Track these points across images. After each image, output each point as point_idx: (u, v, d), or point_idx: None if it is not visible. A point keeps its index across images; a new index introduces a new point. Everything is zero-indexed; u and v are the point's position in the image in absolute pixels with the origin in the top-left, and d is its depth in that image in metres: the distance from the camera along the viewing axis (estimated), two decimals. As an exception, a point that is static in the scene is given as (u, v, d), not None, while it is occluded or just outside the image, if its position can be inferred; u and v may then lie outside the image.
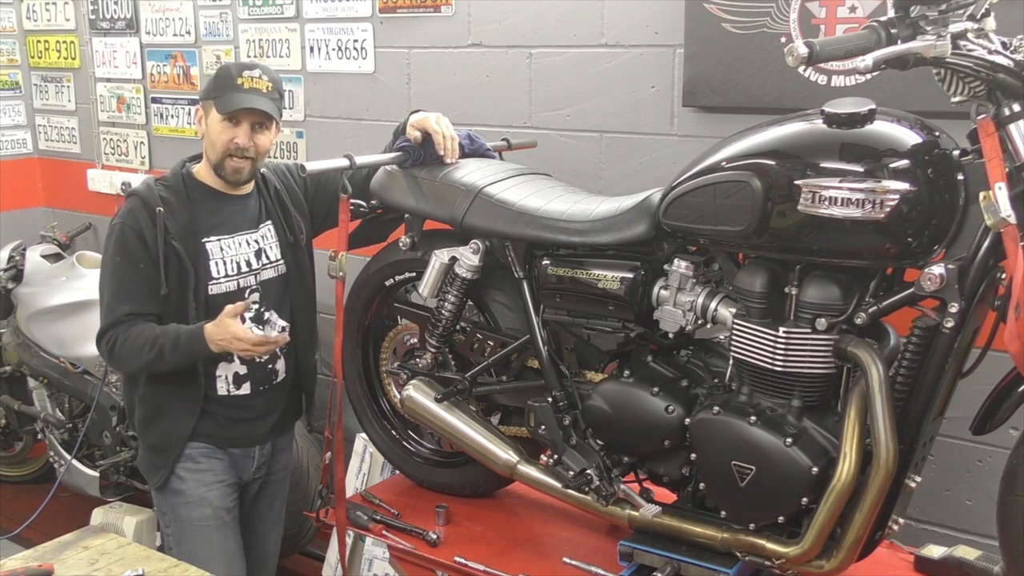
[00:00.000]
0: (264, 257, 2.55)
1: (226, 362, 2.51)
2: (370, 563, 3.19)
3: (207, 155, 2.51)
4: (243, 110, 2.42)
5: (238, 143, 2.44)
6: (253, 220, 2.56)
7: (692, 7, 2.65)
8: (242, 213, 2.56)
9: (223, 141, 2.44)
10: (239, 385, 2.54)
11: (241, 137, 2.44)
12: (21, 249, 4.06)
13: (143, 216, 2.43)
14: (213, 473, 2.55)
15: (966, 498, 2.51)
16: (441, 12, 3.24)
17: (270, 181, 2.62)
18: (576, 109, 3.00)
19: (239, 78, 2.44)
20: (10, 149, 4.78)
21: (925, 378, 1.80)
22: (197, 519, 2.53)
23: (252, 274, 2.53)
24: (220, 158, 2.47)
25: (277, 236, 2.58)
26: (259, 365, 2.55)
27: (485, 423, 2.42)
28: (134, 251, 2.42)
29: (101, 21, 4.38)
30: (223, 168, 2.47)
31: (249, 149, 2.45)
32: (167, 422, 2.53)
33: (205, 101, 2.50)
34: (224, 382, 2.53)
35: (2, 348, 4.13)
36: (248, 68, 2.48)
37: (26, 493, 4.15)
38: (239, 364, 2.53)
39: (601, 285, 2.14)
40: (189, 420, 2.51)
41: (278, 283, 2.57)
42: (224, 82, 2.45)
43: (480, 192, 2.30)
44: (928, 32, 1.67)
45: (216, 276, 2.48)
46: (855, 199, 1.72)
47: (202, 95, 2.55)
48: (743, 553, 2.00)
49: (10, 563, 2.05)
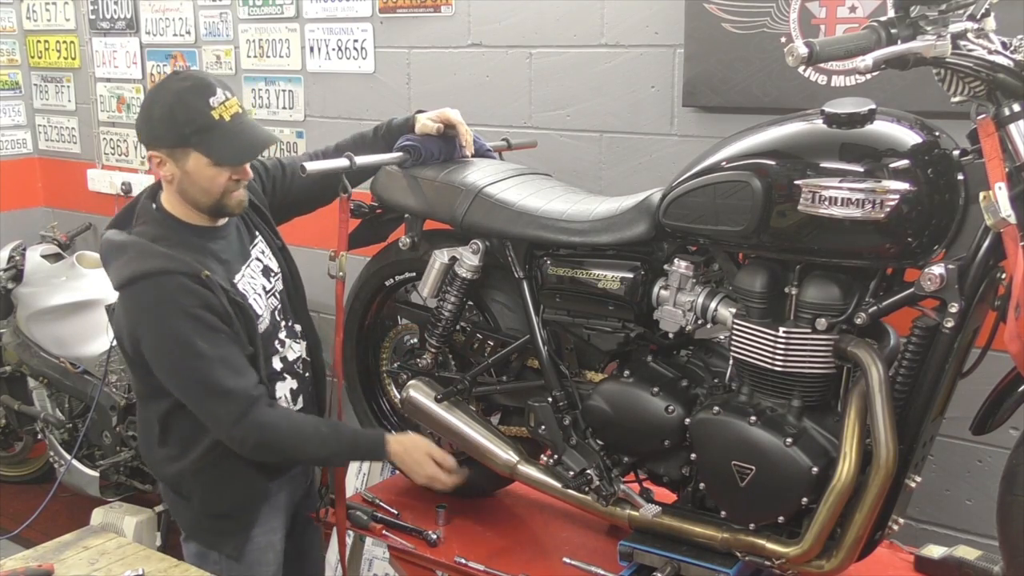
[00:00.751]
0: (272, 271, 2.41)
1: (281, 381, 2.37)
2: (370, 563, 3.20)
3: (190, 200, 2.22)
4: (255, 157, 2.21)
5: (240, 178, 2.21)
6: (247, 238, 2.39)
7: (692, 7, 2.66)
8: (238, 236, 2.36)
9: (221, 183, 2.18)
10: (296, 399, 2.41)
11: (245, 172, 2.22)
12: (21, 249, 4.06)
13: (193, 287, 2.13)
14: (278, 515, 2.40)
15: (966, 498, 2.51)
16: (441, 12, 3.24)
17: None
18: (576, 109, 3.01)
19: (212, 111, 2.12)
20: (10, 149, 4.78)
21: (925, 378, 1.80)
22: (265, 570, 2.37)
23: (272, 295, 2.38)
24: (219, 199, 2.20)
25: (268, 245, 2.44)
26: (300, 375, 2.43)
27: (485, 423, 2.42)
28: (211, 325, 2.14)
29: (101, 21, 4.38)
30: (225, 207, 2.23)
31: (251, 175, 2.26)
32: (241, 483, 2.30)
33: (176, 148, 2.14)
34: (285, 402, 2.37)
35: (2, 348, 4.13)
36: (208, 92, 2.13)
37: (26, 493, 4.15)
38: (291, 380, 2.39)
39: (601, 285, 2.14)
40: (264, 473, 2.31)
41: (284, 291, 2.45)
42: (199, 121, 2.12)
43: (480, 192, 2.30)
44: (928, 32, 1.67)
45: (259, 313, 2.30)
46: (855, 199, 1.72)
47: (166, 142, 2.15)
48: (743, 553, 2.00)
49: (10, 563, 2.05)
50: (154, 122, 2.17)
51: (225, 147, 2.15)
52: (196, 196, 2.21)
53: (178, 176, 2.18)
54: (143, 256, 2.16)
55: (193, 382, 2.16)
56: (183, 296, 2.12)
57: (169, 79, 2.22)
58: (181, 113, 2.13)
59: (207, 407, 2.19)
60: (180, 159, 2.16)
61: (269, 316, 2.34)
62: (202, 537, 2.37)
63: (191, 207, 2.24)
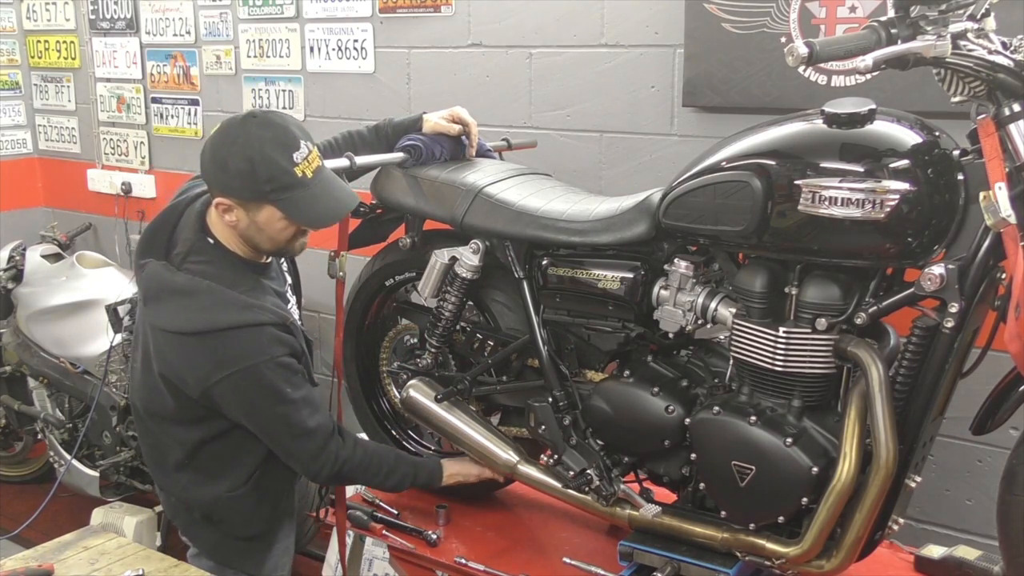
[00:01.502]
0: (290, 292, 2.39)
1: None
2: (370, 563, 3.19)
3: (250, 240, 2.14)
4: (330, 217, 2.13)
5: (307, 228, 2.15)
6: (279, 267, 2.35)
7: (692, 7, 2.66)
8: (278, 269, 2.34)
9: (289, 234, 2.12)
10: None
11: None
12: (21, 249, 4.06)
13: (282, 337, 2.11)
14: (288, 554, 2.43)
15: (966, 498, 2.51)
16: (441, 12, 3.24)
17: None
18: (576, 109, 3.01)
19: (296, 168, 2.01)
20: (10, 149, 4.78)
21: (925, 378, 1.80)
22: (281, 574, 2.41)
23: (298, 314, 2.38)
24: (283, 247, 2.16)
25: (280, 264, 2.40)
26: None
27: (485, 423, 2.42)
28: (295, 370, 2.14)
29: (101, 21, 4.38)
30: (290, 252, 2.21)
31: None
32: (272, 506, 2.32)
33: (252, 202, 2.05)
34: None
35: (2, 348, 4.13)
36: (293, 148, 2.02)
37: (26, 493, 4.15)
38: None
39: (601, 285, 2.14)
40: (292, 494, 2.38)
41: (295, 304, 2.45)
42: (282, 181, 2.01)
43: (480, 192, 2.30)
44: (928, 32, 1.67)
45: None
46: (855, 199, 1.72)
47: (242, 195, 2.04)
48: (743, 553, 2.00)
49: (10, 563, 2.05)
50: (231, 173, 2.03)
51: (307, 209, 2.06)
52: (260, 242, 2.14)
53: (245, 223, 2.10)
54: (225, 306, 2.08)
55: (279, 426, 2.15)
56: (274, 347, 2.09)
57: (247, 123, 2.04)
58: (263, 170, 2.00)
59: (290, 447, 2.19)
60: (253, 211, 2.07)
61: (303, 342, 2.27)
62: (223, 557, 2.33)
63: (249, 247, 2.17)
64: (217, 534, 2.32)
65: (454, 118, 2.45)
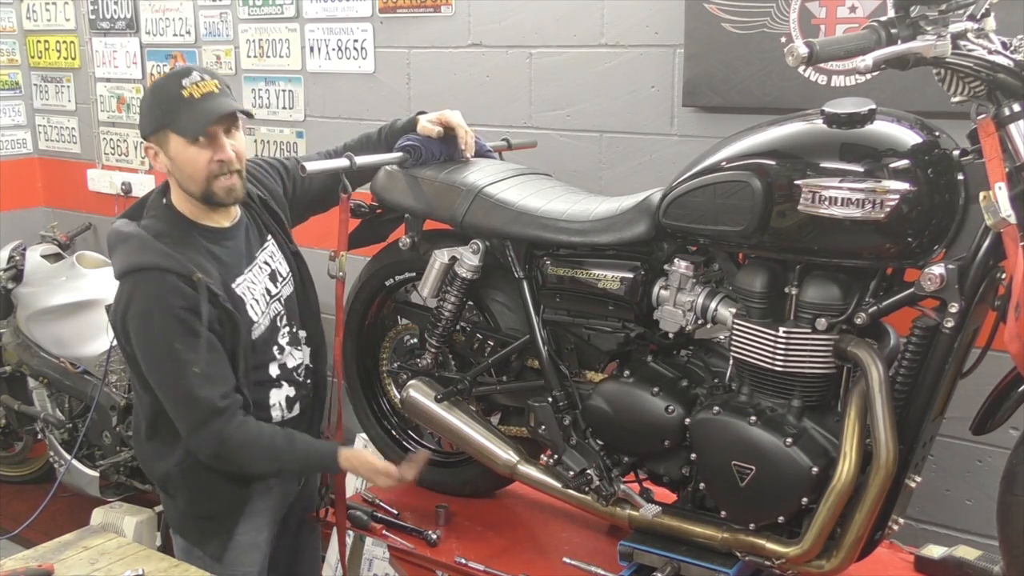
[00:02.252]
0: (279, 276, 2.39)
1: (276, 388, 2.35)
2: (370, 563, 3.20)
3: (185, 189, 2.23)
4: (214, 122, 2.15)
5: (221, 159, 2.17)
6: (257, 241, 2.37)
7: (692, 7, 2.66)
8: (246, 239, 2.34)
9: (202, 166, 2.16)
10: (291, 407, 2.39)
11: (221, 151, 2.17)
12: (21, 249, 4.06)
13: (182, 290, 2.13)
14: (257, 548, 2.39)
15: (966, 498, 2.51)
16: (441, 12, 3.24)
17: (251, 191, 2.37)
18: (576, 109, 3.01)
19: (183, 91, 2.14)
20: (10, 149, 4.78)
21: (925, 378, 1.80)
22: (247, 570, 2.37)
23: (276, 300, 2.35)
24: (205, 185, 2.19)
25: (280, 249, 2.43)
26: (301, 383, 2.41)
27: (485, 423, 2.42)
28: (193, 330, 2.13)
29: (101, 21, 4.38)
30: (214, 195, 2.20)
31: (233, 161, 2.19)
32: (225, 487, 2.30)
33: (156, 134, 2.18)
34: (279, 409, 2.36)
35: (2, 348, 4.13)
36: (184, 75, 2.17)
37: (26, 493, 4.15)
38: (287, 387, 2.38)
39: (601, 285, 2.14)
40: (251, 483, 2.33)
41: (293, 297, 2.43)
42: (171, 102, 2.15)
43: (480, 192, 2.30)
44: (928, 32, 1.67)
45: (255, 319, 2.28)
46: (855, 199, 1.72)
47: (149, 127, 2.20)
48: (743, 553, 2.00)
49: (10, 563, 2.05)
50: (142, 113, 2.24)
51: (190, 120, 2.14)
52: (187, 185, 2.21)
53: (168, 164, 2.21)
54: (142, 249, 2.18)
55: (166, 383, 2.18)
56: (171, 296, 2.12)
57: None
58: (157, 98, 2.19)
59: (174, 409, 2.20)
60: (164, 144, 2.19)
61: (268, 322, 2.32)
62: (187, 535, 2.38)
63: (194, 203, 2.24)
64: (177, 510, 2.37)
65: (440, 120, 2.43)
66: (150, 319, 2.14)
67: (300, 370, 2.42)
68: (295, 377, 2.40)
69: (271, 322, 2.33)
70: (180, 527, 2.40)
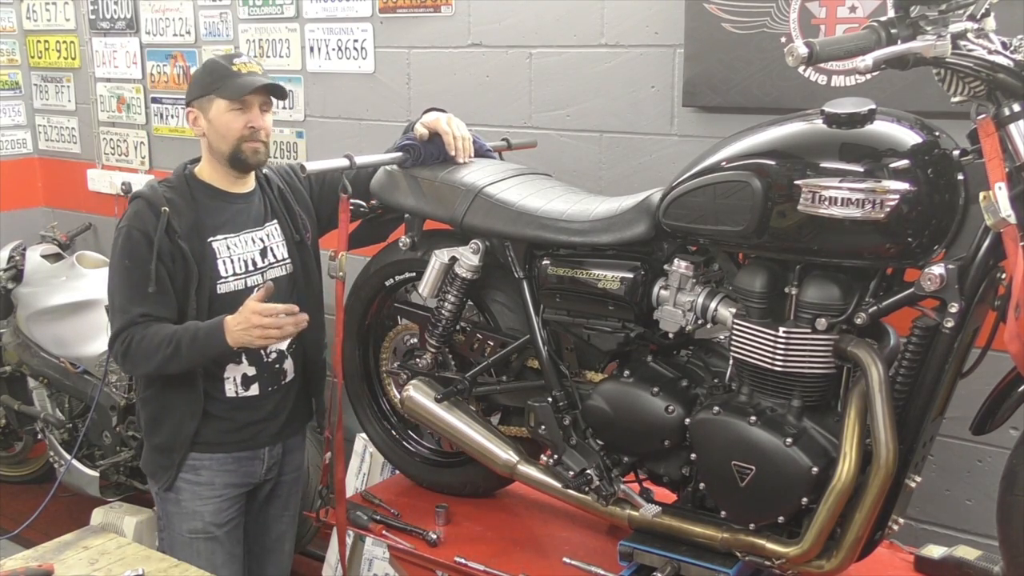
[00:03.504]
0: (271, 255, 2.55)
1: (235, 363, 2.50)
2: (370, 563, 3.19)
3: (215, 150, 2.49)
4: (253, 92, 2.44)
5: (253, 125, 2.45)
6: (258, 218, 2.56)
7: (692, 7, 2.66)
8: (246, 212, 2.55)
9: (237, 128, 2.45)
10: (247, 387, 2.53)
11: (255, 119, 2.46)
12: (21, 249, 4.06)
13: (148, 217, 2.42)
14: (212, 488, 2.55)
15: (966, 498, 2.51)
16: (441, 12, 3.24)
17: (273, 181, 2.61)
18: (576, 109, 3.00)
19: (232, 66, 2.47)
20: (10, 149, 4.78)
21: (925, 378, 1.80)
22: (187, 531, 2.55)
23: (259, 272, 2.52)
24: (236, 145, 2.46)
25: (283, 234, 2.58)
26: (267, 365, 2.55)
27: (485, 423, 2.42)
28: (143, 253, 2.40)
29: (101, 21, 4.38)
30: (242, 153, 2.46)
31: (262, 131, 2.48)
32: (172, 422, 2.52)
33: (202, 98, 2.48)
34: (232, 384, 2.52)
35: (2, 348, 4.13)
36: (236, 56, 2.52)
37: (26, 493, 4.15)
38: (247, 365, 2.52)
39: (601, 285, 2.14)
40: (191, 420, 2.50)
41: (285, 282, 2.56)
42: (220, 73, 2.46)
43: (480, 192, 2.30)
44: (928, 32, 1.67)
45: (224, 275, 2.47)
46: (855, 199, 1.71)
47: (195, 93, 2.51)
48: (743, 553, 2.00)
49: (10, 563, 2.05)
50: (192, 83, 2.57)
51: (235, 86, 2.44)
52: (219, 144, 2.48)
53: (206, 128, 2.49)
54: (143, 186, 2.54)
55: (110, 290, 2.51)
56: (136, 219, 2.44)
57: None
58: (208, 70, 2.52)
59: (109, 314, 2.52)
60: (206, 108, 2.48)
61: (242, 286, 2.49)
62: (148, 469, 2.63)
63: (218, 162, 2.51)
64: (146, 450, 2.63)
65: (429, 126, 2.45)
66: (119, 234, 2.47)
67: (269, 350, 2.53)
68: (260, 355, 2.52)
69: (244, 288, 2.49)
70: (144, 462, 2.66)
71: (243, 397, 2.53)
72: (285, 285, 2.55)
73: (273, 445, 2.63)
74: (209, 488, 2.54)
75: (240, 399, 2.53)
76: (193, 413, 2.50)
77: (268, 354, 2.54)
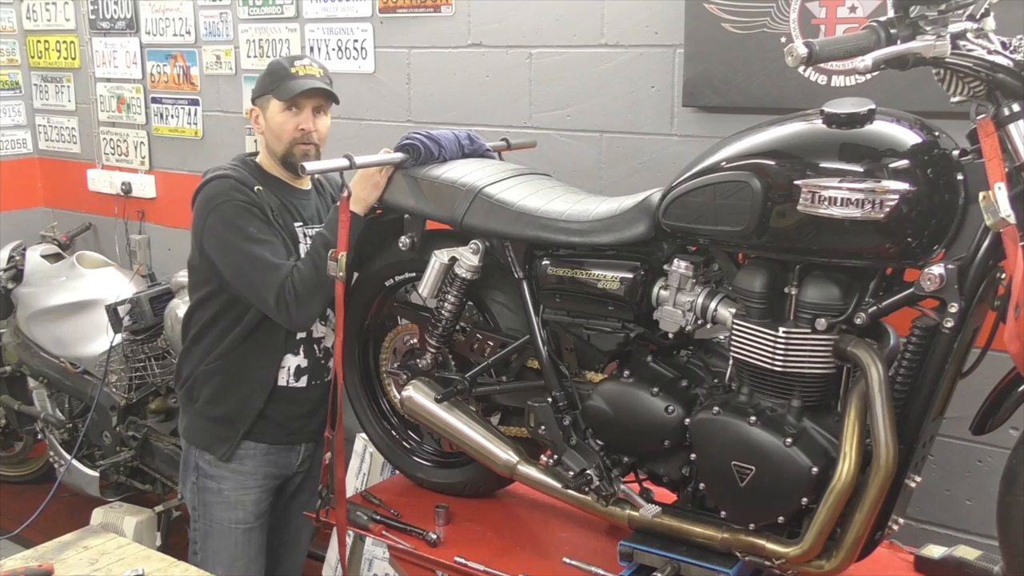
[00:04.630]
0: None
1: (292, 354, 2.62)
2: (370, 563, 3.19)
3: (271, 149, 2.60)
4: (305, 93, 2.52)
5: (304, 128, 2.54)
6: (315, 217, 2.67)
7: (692, 7, 2.66)
8: (311, 208, 2.67)
9: (289, 130, 2.54)
10: (298, 377, 2.65)
11: (306, 122, 2.54)
12: (21, 249, 4.07)
13: (247, 192, 2.50)
14: (255, 477, 2.66)
15: (966, 498, 2.51)
16: (441, 12, 3.24)
17: (324, 185, 2.76)
18: (576, 109, 3.01)
19: (292, 67, 2.55)
20: (10, 149, 4.78)
21: (925, 378, 1.80)
22: (229, 520, 2.63)
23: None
24: (288, 147, 2.56)
25: None
26: (317, 359, 2.67)
27: (485, 423, 2.42)
28: (260, 217, 2.50)
29: (101, 21, 4.38)
30: (292, 156, 2.55)
31: (313, 134, 2.56)
32: (239, 394, 2.61)
33: (261, 98, 2.58)
34: (287, 373, 2.63)
35: (2, 348, 4.13)
36: (298, 58, 2.61)
37: (26, 493, 4.15)
38: (302, 357, 2.64)
39: (601, 285, 2.14)
40: (262, 393, 2.61)
41: None
42: (279, 74, 2.55)
43: (480, 192, 2.30)
44: (928, 32, 1.67)
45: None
46: (855, 199, 1.71)
47: (257, 92, 2.62)
48: (743, 553, 2.00)
49: (10, 563, 2.05)
50: (257, 83, 2.65)
51: (288, 88, 2.53)
52: (273, 145, 2.59)
53: (264, 126, 2.59)
54: (216, 168, 2.61)
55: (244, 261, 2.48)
56: (237, 192, 2.50)
57: None
58: (271, 71, 2.60)
59: (254, 280, 2.47)
60: (264, 108, 2.58)
61: None
62: (197, 440, 2.68)
63: (275, 160, 2.60)
64: (191, 413, 2.70)
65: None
66: (224, 211, 2.49)
67: (320, 347, 2.64)
68: (314, 351, 2.63)
69: None
70: (191, 433, 2.71)
71: (292, 387, 2.64)
72: None
73: (309, 441, 2.73)
74: (252, 478, 2.64)
75: (289, 389, 2.64)
76: (264, 387, 2.61)
77: (320, 349, 2.66)
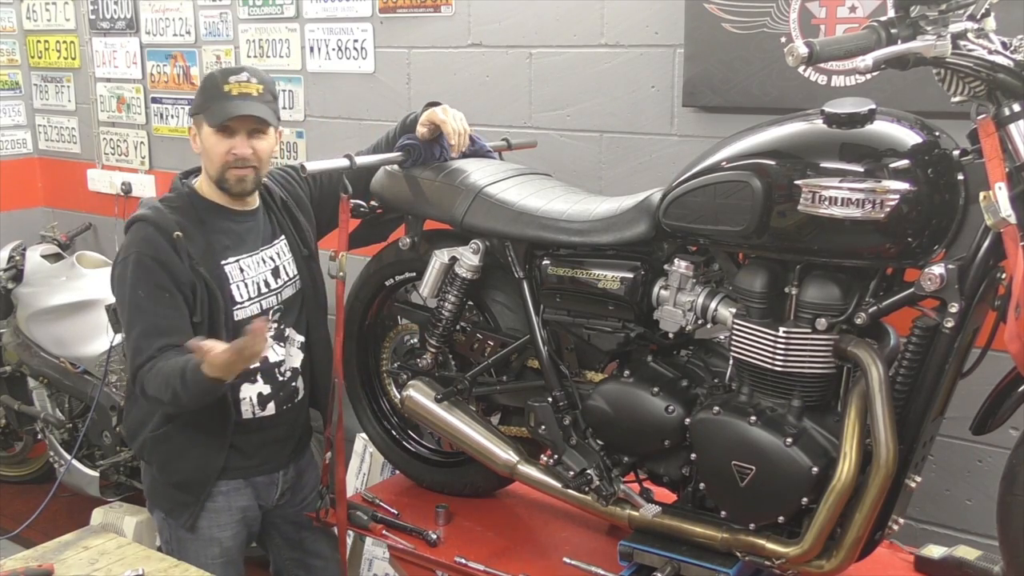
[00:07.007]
0: (283, 274, 2.49)
1: (249, 383, 2.42)
2: (370, 563, 3.20)
3: (207, 171, 2.40)
4: (235, 119, 2.32)
5: (236, 153, 2.33)
6: (267, 236, 2.49)
7: (692, 7, 2.65)
8: (255, 230, 2.46)
9: (220, 154, 2.34)
10: (264, 406, 2.46)
11: (239, 147, 2.33)
12: (21, 249, 4.06)
13: (159, 243, 2.29)
14: (230, 513, 2.47)
15: (966, 498, 2.51)
16: (441, 12, 3.24)
17: (275, 192, 2.53)
18: (576, 109, 3.00)
19: (225, 85, 2.33)
20: (10, 149, 4.78)
21: (925, 378, 1.80)
22: (204, 558, 2.42)
23: (273, 294, 2.46)
24: (220, 172, 2.36)
25: (292, 251, 2.51)
26: (282, 383, 2.48)
27: (485, 423, 2.42)
28: (158, 281, 2.27)
29: (101, 21, 4.38)
30: (226, 181, 2.37)
31: (250, 158, 2.35)
32: (195, 457, 2.41)
33: (196, 116, 2.40)
34: (249, 404, 2.44)
35: (2, 348, 4.13)
36: (234, 73, 2.36)
37: (26, 493, 4.15)
38: (262, 383, 2.45)
39: (601, 285, 2.14)
40: (220, 453, 2.41)
41: (296, 299, 2.52)
42: (211, 92, 2.35)
43: (480, 192, 2.29)
44: (928, 32, 1.67)
45: (240, 300, 2.39)
46: (855, 199, 1.72)
47: (192, 110, 2.44)
48: (743, 553, 2.00)
49: (10, 563, 2.05)
50: (194, 98, 2.45)
51: (217, 112, 2.33)
52: (208, 167, 2.39)
53: (199, 146, 2.40)
54: (142, 207, 2.39)
55: (126, 322, 2.34)
56: (146, 245, 2.29)
57: None
58: (205, 88, 2.40)
59: (127, 350, 2.35)
60: (199, 127, 2.39)
61: (258, 309, 2.42)
62: (161, 504, 2.51)
63: (212, 183, 2.40)
64: (150, 475, 2.52)
65: (429, 121, 2.40)
66: (126, 263, 2.31)
67: (283, 370, 2.47)
68: (276, 376, 2.46)
69: (261, 311, 2.42)
70: (154, 497, 2.53)
71: (260, 417, 2.45)
72: (296, 303, 2.52)
73: (287, 468, 2.58)
74: (227, 513, 2.47)
75: (257, 420, 2.45)
76: (221, 445, 2.41)
77: (283, 372, 2.48)
